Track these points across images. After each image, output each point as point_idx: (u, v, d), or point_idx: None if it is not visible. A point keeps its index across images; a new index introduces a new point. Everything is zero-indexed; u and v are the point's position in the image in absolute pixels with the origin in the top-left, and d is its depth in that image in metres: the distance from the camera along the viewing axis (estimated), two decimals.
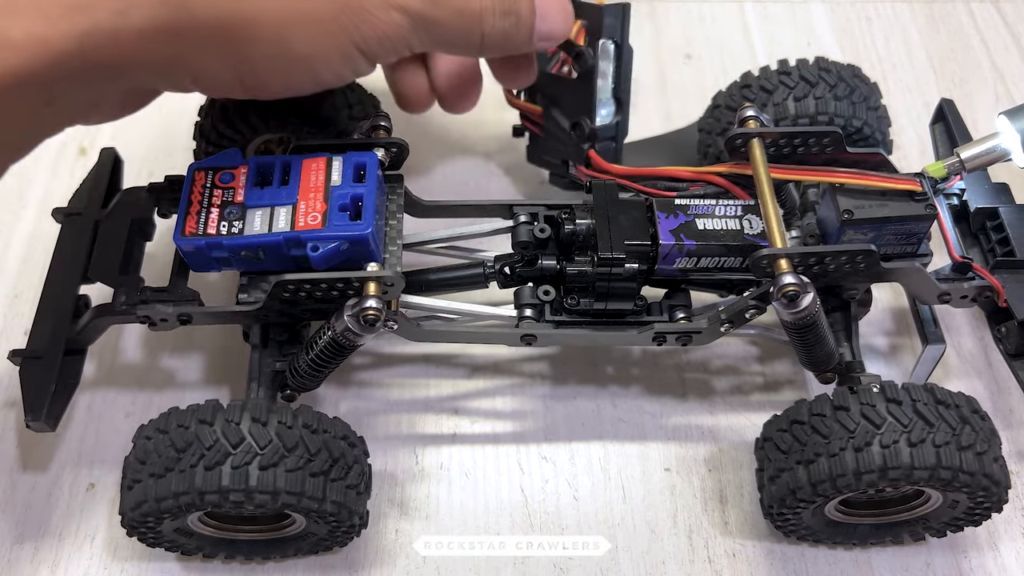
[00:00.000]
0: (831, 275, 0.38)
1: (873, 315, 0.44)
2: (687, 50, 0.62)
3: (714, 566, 0.41)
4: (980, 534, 0.42)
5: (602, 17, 0.41)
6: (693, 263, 0.39)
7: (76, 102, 0.31)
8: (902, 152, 0.56)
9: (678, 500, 0.43)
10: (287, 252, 0.36)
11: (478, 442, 0.45)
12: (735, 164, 0.40)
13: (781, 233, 0.37)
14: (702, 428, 0.45)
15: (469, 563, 0.41)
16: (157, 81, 0.33)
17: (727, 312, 0.38)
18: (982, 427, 0.36)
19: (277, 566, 0.41)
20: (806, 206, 0.42)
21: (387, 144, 0.39)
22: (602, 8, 0.41)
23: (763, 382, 0.47)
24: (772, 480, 0.38)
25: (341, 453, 0.36)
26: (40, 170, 0.55)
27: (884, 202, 0.38)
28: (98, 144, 0.48)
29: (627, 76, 0.43)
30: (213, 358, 0.47)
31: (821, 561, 0.41)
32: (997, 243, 0.41)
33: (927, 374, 0.42)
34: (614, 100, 0.44)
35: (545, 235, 0.40)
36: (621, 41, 0.42)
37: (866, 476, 0.34)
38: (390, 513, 0.42)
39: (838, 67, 0.46)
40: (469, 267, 0.42)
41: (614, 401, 0.46)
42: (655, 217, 0.39)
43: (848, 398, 0.36)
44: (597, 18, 0.41)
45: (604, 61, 0.42)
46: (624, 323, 0.40)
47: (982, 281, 0.40)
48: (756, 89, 0.46)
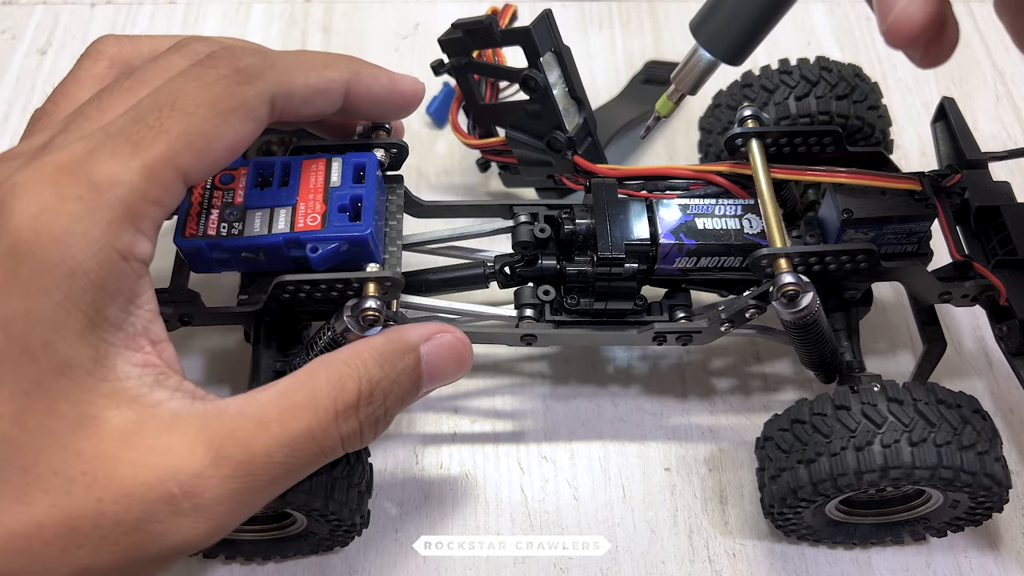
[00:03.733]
0: (831, 274, 0.38)
1: (873, 315, 0.44)
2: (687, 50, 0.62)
3: (714, 566, 0.41)
4: (980, 534, 0.42)
5: (533, 37, 0.41)
6: (693, 262, 0.39)
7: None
8: (902, 152, 0.56)
9: (678, 500, 0.43)
10: (287, 253, 0.36)
11: (478, 442, 0.45)
12: (735, 163, 0.40)
13: (781, 232, 0.37)
14: (702, 428, 0.45)
15: (469, 563, 0.41)
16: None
17: (727, 312, 0.38)
18: (983, 427, 0.36)
19: (277, 566, 0.41)
20: (806, 206, 0.42)
21: (387, 145, 0.39)
22: (530, 29, 0.40)
23: (763, 382, 0.47)
24: (773, 479, 0.38)
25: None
26: None
27: (884, 201, 0.38)
28: None
29: (575, 73, 0.43)
30: (213, 358, 0.47)
31: (821, 561, 0.41)
32: (998, 242, 0.41)
33: (928, 374, 0.42)
34: (574, 101, 0.44)
35: (545, 235, 0.40)
36: (558, 47, 0.42)
37: (867, 475, 0.34)
38: (390, 513, 0.42)
39: (839, 66, 0.46)
40: (469, 267, 0.41)
41: (614, 401, 0.46)
42: (655, 217, 0.39)
43: (849, 397, 0.36)
44: (529, 39, 0.41)
45: (551, 72, 0.42)
46: (624, 323, 0.40)
47: (983, 280, 0.39)
48: (757, 88, 0.46)
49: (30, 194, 0.25)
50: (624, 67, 0.60)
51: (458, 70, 0.44)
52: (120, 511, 0.25)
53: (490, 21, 0.41)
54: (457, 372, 0.34)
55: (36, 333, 0.25)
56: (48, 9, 0.63)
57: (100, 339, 0.26)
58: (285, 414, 0.28)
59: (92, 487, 0.25)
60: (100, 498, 0.25)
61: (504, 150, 0.46)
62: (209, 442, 0.26)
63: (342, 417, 0.29)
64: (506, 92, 0.46)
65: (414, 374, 0.32)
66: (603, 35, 0.63)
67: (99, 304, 0.26)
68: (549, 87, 0.41)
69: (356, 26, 0.63)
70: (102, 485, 0.25)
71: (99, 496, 0.25)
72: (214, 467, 0.26)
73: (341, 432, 0.29)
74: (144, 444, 0.26)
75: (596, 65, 0.61)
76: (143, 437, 0.26)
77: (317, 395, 0.29)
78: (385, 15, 0.64)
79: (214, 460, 0.26)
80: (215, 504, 0.26)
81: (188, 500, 0.26)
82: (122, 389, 0.26)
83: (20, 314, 0.25)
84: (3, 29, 0.62)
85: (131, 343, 0.27)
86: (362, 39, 0.62)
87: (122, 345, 0.27)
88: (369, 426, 0.31)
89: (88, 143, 0.27)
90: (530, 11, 0.42)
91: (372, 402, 0.30)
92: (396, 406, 0.32)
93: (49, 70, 0.60)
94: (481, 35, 0.42)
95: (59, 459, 0.25)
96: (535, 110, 0.42)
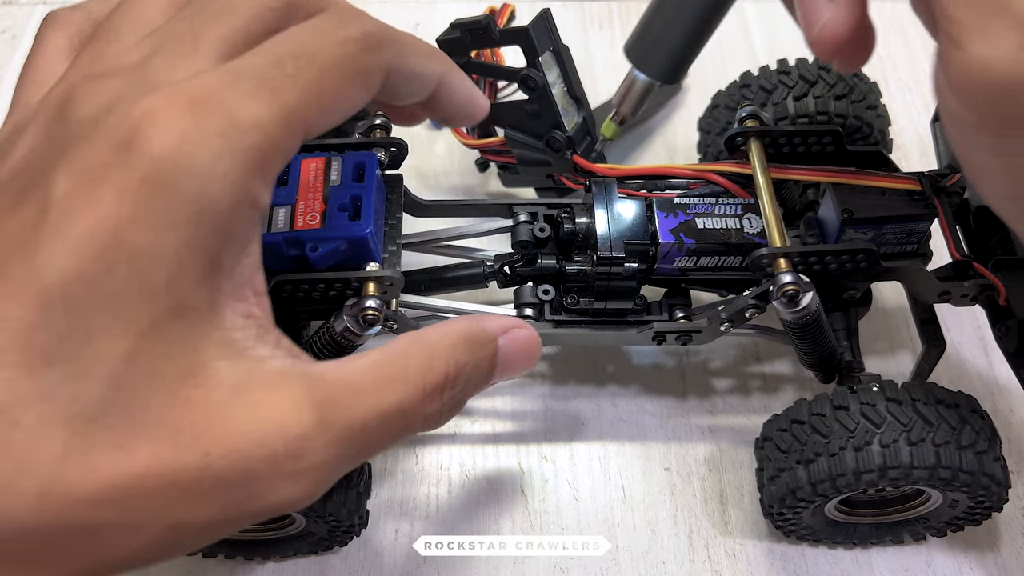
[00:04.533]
0: (831, 274, 0.38)
1: (873, 315, 0.44)
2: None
3: (714, 566, 0.41)
4: (980, 534, 0.42)
5: (532, 37, 0.41)
6: (693, 262, 0.39)
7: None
8: (902, 151, 0.56)
9: (678, 500, 0.43)
10: (286, 252, 0.36)
11: (478, 442, 0.45)
12: (735, 163, 0.40)
13: (780, 232, 0.37)
14: (702, 428, 0.45)
15: (469, 563, 0.41)
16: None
17: (727, 311, 0.38)
18: (982, 426, 0.36)
19: (277, 566, 0.41)
20: (806, 205, 0.42)
21: (386, 144, 0.39)
22: (528, 28, 0.40)
23: (763, 382, 0.47)
24: (772, 480, 0.38)
25: None
26: None
27: (884, 201, 0.38)
28: None
29: (574, 73, 0.43)
30: None
31: (821, 561, 0.41)
32: (997, 242, 0.41)
33: (927, 374, 0.42)
34: (573, 100, 0.44)
35: (545, 234, 0.40)
36: (556, 46, 0.42)
37: (866, 475, 0.34)
38: (390, 513, 0.42)
39: None
40: (469, 266, 0.41)
41: (614, 401, 0.46)
42: (654, 216, 0.39)
43: (848, 397, 0.36)
44: (528, 39, 0.41)
45: (550, 72, 0.42)
46: (624, 322, 0.40)
47: (982, 280, 0.39)
48: (756, 89, 0.46)
49: (168, 123, 0.24)
50: (624, 67, 0.60)
51: None
52: (225, 466, 0.24)
53: (488, 21, 0.41)
54: (524, 368, 0.34)
55: (160, 269, 0.24)
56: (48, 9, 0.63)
57: (214, 285, 0.25)
58: (378, 385, 0.28)
59: (199, 440, 0.24)
60: (207, 452, 0.24)
61: (503, 150, 0.46)
62: (314, 405, 0.26)
63: (428, 397, 0.29)
64: (505, 92, 0.46)
65: (491, 363, 0.32)
66: (603, 35, 0.63)
67: (218, 248, 0.25)
68: (548, 86, 0.41)
69: None
70: (209, 438, 0.24)
71: (206, 449, 0.24)
72: (319, 430, 0.25)
73: (426, 411, 0.29)
74: (253, 400, 0.25)
75: (596, 65, 0.61)
76: (251, 392, 0.25)
77: (408, 371, 0.29)
78: (385, 15, 0.63)
79: (319, 424, 0.26)
80: (315, 468, 0.26)
81: (291, 461, 0.25)
82: (231, 340, 0.25)
83: (147, 247, 0.23)
84: (3, 29, 0.62)
85: (238, 292, 0.26)
86: None
87: (230, 294, 0.26)
88: (448, 409, 0.31)
89: (223, 78, 0.26)
90: (529, 11, 0.42)
91: (455, 386, 0.30)
92: (471, 393, 0.32)
93: None
94: (479, 35, 0.42)
95: (168, 407, 0.24)
96: (534, 110, 0.42)
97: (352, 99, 0.29)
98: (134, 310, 0.23)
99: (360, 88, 0.29)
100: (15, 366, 0.22)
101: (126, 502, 0.23)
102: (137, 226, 0.23)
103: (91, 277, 0.23)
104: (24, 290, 0.23)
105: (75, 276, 0.23)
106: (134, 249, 0.23)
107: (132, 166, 0.24)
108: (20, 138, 0.26)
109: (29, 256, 0.23)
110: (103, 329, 0.23)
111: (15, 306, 0.22)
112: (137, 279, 0.23)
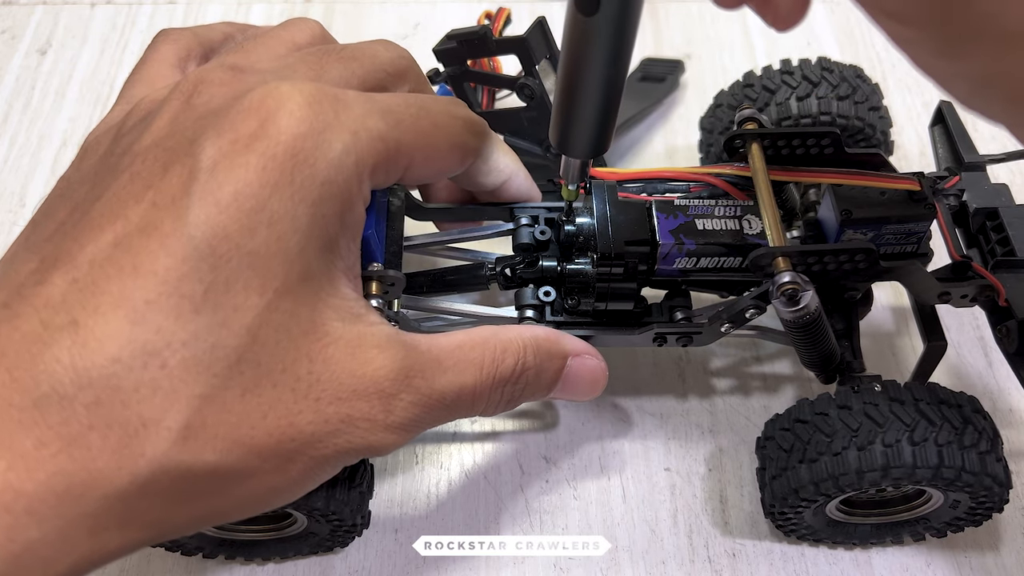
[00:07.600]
0: (831, 275, 0.38)
1: (873, 315, 0.44)
2: (687, 50, 0.62)
3: (714, 566, 0.41)
4: (980, 534, 0.42)
5: (528, 46, 0.41)
6: (693, 263, 0.39)
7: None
8: (902, 152, 0.56)
9: (678, 500, 0.43)
10: None
11: (478, 442, 0.45)
12: (734, 166, 0.40)
13: (780, 233, 0.37)
14: (702, 428, 0.45)
15: (469, 563, 0.41)
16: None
17: (727, 312, 0.38)
18: (985, 427, 0.36)
19: (277, 566, 0.41)
20: (806, 206, 0.42)
21: None
22: (525, 39, 0.41)
23: (763, 382, 0.47)
24: (774, 479, 0.38)
25: None
26: (40, 170, 0.55)
27: (883, 202, 0.38)
28: None
29: None
30: None
31: (821, 561, 0.41)
32: (997, 243, 0.41)
33: (928, 374, 0.42)
34: None
35: (546, 238, 0.40)
36: (552, 52, 0.42)
37: (869, 475, 0.34)
38: (390, 513, 0.42)
39: (840, 67, 0.46)
40: (470, 268, 0.42)
41: (614, 401, 0.46)
42: (654, 217, 0.39)
43: (851, 397, 0.36)
44: (524, 49, 0.41)
45: (547, 79, 0.42)
46: (624, 324, 0.40)
47: (982, 280, 0.40)
48: (759, 88, 0.46)
49: (311, 108, 0.27)
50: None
51: (454, 79, 0.44)
52: (332, 413, 0.27)
53: (485, 31, 0.41)
54: (586, 395, 0.37)
55: (295, 237, 0.26)
56: (48, 9, 0.63)
57: (331, 261, 0.28)
58: (459, 365, 0.31)
59: (314, 387, 0.27)
60: (319, 398, 0.27)
61: None
62: (407, 369, 0.29)
63: (494, 387, 0.32)
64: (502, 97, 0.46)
65: (554, 377, 0.35)
66: None
67: (336, 231, 0.28)
68: (545, 94, 0.41)
69: (355, 26, 0.63)
70: (322, 387, 0.27)
71: (318, 396, 0.27)
72: (406, 392, 0.29)
73: (489, 398, 0.32)
74: (363, 356, 0.28)
75: None
76: (363, 350, 0.28)
77: (484, 358, 0.31)
78: (385, 15, 0.64)
79: (407, 386, 0.29)
80: (400, 423, 0.29)
81: (384, 414, 0.28)
82: (347, 306, 0.28)
83: (288, 215, 0.26)
84: (3, 29, 0.62)
85: (348, 272, 0.29)
86: (361, 39, 0.62)
87: (342, 272, 0.29)
88: (504, 403, 0.33)
89: (358, 94, 0.29)
90: (530, 11, 0.42)
91: (517, 384, 0.33)
92: (528, 396, 0.34)
93: (49, 70, 0.60)
94: (476, 45, 0.42)
95: (292, 359, 0.26)
96: (532, 116, 0.42)
97: (447, 164, 0.33)
98: (271, 269, 0.26)
99: (456, 158, 0.34)
100: (166, 312, 0.24)
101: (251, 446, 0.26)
102: (279, 194, 0.26)
103: (235, 235, 0.25)
104: (175, 243, 0.25)
105: (222, 233, 0.25)
106: (274, 215, 0.26)
107: (278, 140, 0.26)
108: (159, 111, 0.28)
109: (180, 214, 0.25)
110: (243, 284, 0.25)
111: (166, 256, 0.24)
112: (276, 242, 0.26)
